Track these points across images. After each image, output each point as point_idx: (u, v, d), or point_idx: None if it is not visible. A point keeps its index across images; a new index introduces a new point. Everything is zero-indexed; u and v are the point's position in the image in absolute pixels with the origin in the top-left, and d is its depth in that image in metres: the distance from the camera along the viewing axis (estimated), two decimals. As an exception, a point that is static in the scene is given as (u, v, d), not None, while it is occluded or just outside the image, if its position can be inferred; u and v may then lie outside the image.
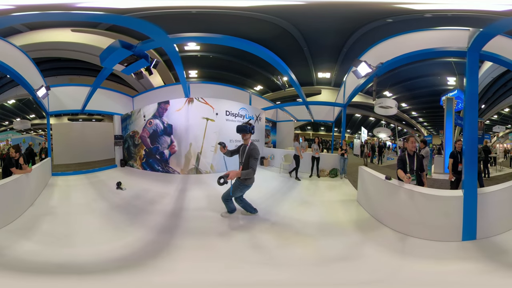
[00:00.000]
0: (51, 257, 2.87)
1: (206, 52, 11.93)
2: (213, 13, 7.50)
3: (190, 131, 8.15)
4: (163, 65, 10.33)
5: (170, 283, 2.45)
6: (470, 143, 3.50)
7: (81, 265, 2.70)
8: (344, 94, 8.51)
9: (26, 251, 2.99)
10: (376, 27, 8.09)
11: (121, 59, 4.37)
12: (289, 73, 6.58)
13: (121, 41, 4.19)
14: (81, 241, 3.37)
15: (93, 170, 9.11)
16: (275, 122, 14.81)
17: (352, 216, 4.40)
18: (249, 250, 3.10)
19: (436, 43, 4.31)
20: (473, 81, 3.51)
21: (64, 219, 4.22)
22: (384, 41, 5.41)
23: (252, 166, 3.54)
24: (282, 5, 6.99)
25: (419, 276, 2.56)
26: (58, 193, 6.10)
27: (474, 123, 3.53)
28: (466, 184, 3.38)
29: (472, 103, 3.51)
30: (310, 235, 3.56)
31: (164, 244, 3.21)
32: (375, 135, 21.80)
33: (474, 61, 3.56)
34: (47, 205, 5.05)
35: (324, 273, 2.63)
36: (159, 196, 5.58)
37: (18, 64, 5.99)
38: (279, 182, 7.18)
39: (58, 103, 8.69)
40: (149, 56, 4.65)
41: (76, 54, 10.53)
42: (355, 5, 6.75)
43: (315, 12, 7.59)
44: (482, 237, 3.26)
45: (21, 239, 3.31)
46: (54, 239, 3.38)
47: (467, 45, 3.63)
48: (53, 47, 9.65)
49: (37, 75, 7.07)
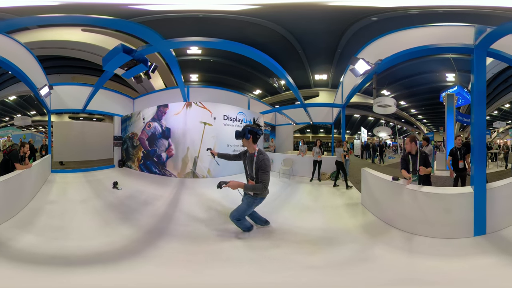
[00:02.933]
0: (47, 249, 3.05)
1: (207, 56, 12.14)
2: (214, 18, 7.70)
3: (187, 135, 8.27)
4: (165, 67, 10.49)
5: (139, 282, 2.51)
6: (479, 139, 3.52)
7: (69, 257, 2.87)
8: (342, 94, 8.51)
9: (26, 243, 3.19)
10: (365, 26, 8.20)
11: (122, 63, 4.53)
12: (285, 76, 6.61)
13: (123, 45, 4.34)
14: (74, 235, 3.55)
15: (91, 169, 9.24)
16: (274, 126, 14.84)
17: (359, 221, 4.27)
18: (241, 254, 3.06)
19: (435, 39, 4.28)
20: (481, 78, 3.52)
21: (60, 214, 4.40)
22: (381, 37, 5.37)
23: (263, 180, 2.99)
24: (269, 8, 7.15)
25: (447, 275, 2.57)
26: (57, 189, 6.31)
27: (482, 120, 3.53)
28: (476, 179, 3.44)
29: (480, 99, 3.51)
30: (315, 242, 3.41)
31: (146, 244, 3.30)
32: (375, 135, 21.81)
33: (482, 58, 3.55)
34: (46, 200, 5.27)
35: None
36: (153, 198, 5.67)
37: (22, 62, 6.07)
38: (279, 187, 7.01)
39: (60, 102, 8.87)
40: (148, 61, 4.79)
41: (81, 54, 10.72)
42: (336, 7, 6.95)
43: (301, 13, 7.75)
44: (492, 231, 3.35)
45: (22, 231, 3.54)
46: (51, 232, 3.58)
47: (473, 42, 3.63)
48: (61, 45, 9.82)
49: (40, 74, 7.20)
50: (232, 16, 7.81)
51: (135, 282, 2.50)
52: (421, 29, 4.69)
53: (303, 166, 8.76)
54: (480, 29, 3.56)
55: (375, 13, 7.47)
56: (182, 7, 7.19)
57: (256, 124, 3.16)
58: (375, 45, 5.51)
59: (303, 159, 8.92)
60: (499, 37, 3.34)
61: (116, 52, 4.16)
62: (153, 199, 5.57)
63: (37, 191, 5.76)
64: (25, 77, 6.36)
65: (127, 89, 13.09)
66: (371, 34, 5.60)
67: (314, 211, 4.94)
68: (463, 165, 5.24)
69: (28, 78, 6.52)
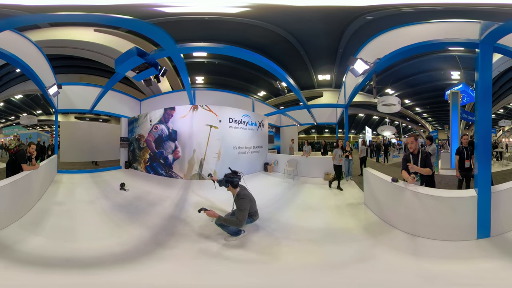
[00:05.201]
0: (57, 252, 3.07)
1: (212, 59, 12.23)
2: (218, 20, 7.77)
3: (194, 138, 8.33)
4: (171, 70, 10.58)
5: (149, 282, 2.57)
6: (484, 139, 3.41)
7: (81, 259, 2.91)
8: (345, 94, 8.51)
9: (36, 245, 3.21)
10: (364, 24, 8.13)
11: (134, 66, 4.61)
12: (286, 78, 6.60)
13: (137, 48, 4.41)
14: (83, 236, 3.60)
15: (98, 170, 9.33)
16: (278, 127, 14.89)
17: (362, 221, 4.27)
18: (241, 254, 3.16)
19: (438, 35, 4.16)
20: (486, 74, 3.42)
21: (68, 215, 4.45)
22: (380, 35, 5.25)
23: (238, 217, 3.40)
24: (267, 10, 7.20)
25: (455, 278, 2.56)
26: (64, 189, 6.37)
27: (487, 118, 3.42)
28: (480, 181, 3.37)
29: (485, 96, 3.40)
30: (316, 242, 3.49)
31: (156, 244, 3.37)
32: (380, 134, 21.73)
33: (487, 53, 3.45)
34: (54, 201, 5.31)
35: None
36: (160, 199, 5.73)
37: (32, 60, 6.03)
38: (283, 188, 7.12)
39: (68, 102, 8.95)
40: (159, 64, 4.87)
41: (91, 54, 10.74)
42: (331, 7, 6.99)
43: (298, 15, 7.79)
44: (495, 234, 3.32)
45: (31, 234, 3.53)
46: (59, 234, 3.61)
47: (478, 37, 3.52)
48: (72, 45, 9.85)
49: (49, 72, 7.20)
50: (234, 19, 7.90)
51: (150, 280, 2.57)
52: (423, 25, 4.56)
53: (307, 167, 8.84)
54: (486, 25, 3.47)
55: (368, 11, 7.47)
56: (190, 10, 7.28)
57: (232, 172, 3.76)
58: (375, 44, 5.41)
59: (307, 160, 8.97)
60: (507, 32, 3.24)
61: (131, 54, 4.24)
62: (160, 200, 5.64)
63: (44, 192, 5.81)
64: (34, 75, 6.32)
65: (134, 91, 13.17)
66: (369, 32, 5.52)
67: (316, 210, 5.03)
68: (469, 164, 5.09)
69: (37, 76, 6.48)
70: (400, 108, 13.07)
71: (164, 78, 12.32)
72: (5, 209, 3.75)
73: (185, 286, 2.56)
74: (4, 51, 5.08)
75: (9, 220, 3.80)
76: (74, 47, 9.94)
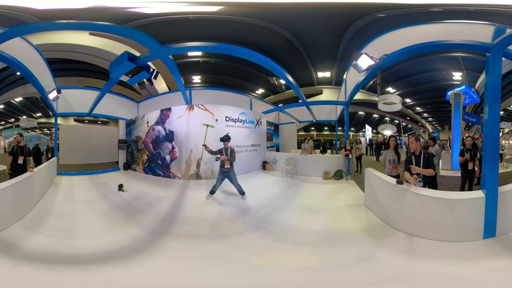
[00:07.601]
0: (58, 249, 3.23)
1: (208, 57, 12.24)
2: (209, 19, 7.73)
3: (190, 138, 8.42)
4: (167, 71, 10.61)
5: (145, 279, 2.68)
6: (492, 140, 3.49)
7: (80, 256, 3.06)
8: (346, 92, 8.46)
9: (37, 243, 3.37)
10: (369, 22, 8.00)
11: (127, 71, 4.69)
12: (284, 75, 6.54)
13: (128, 52, 4.49)
14: (81, 235, 3.76)
15: (97, 172, 9.44)
16: (277, 125, 14.80)
17: (363, 224, 4.24)
18: (240, 254, 3.23)
19: (445, 36, 4.20)
20: (496, 76, 3.54)
21: (68, 215, 4.61)
22: (386, 33, 5.23)
23: (233, 156, 5.77)
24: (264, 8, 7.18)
25: (466, 280, 2.59)
26: (63, 191, 6.51)
27: (496, 120, 3.52)
28: (488, 182, 3.44)
29: (494, 99, 3.51)
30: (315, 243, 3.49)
31: (151, 243, 3.49)
32: (380, 132, 21.71)
33: (499, 57, 3.57)
34: (54, 201, 5.47)
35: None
36: (158, 199, 5.84)
37: (32, 63, 6.06)
38: (281, 187, 7.05)
39: (67, 105, 9.04)
40: (150, 67, 4.94)
41: (88, 57, 10.80)
42: (335, 4, 6.97)
43: (297, 13, 7.74)
44: (500, 234, 3.41)
45: (33, 232, 3.72)
46: (59, 233, 3.78)
47: (490, 40, 3.61)
48: (70, 49, 9.91)
49: (48, 76, 7.25)
50: (234, 18, 7.85)
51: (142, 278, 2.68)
52: (433, 25, 4.58)
53: (306, 165, 8.87)
54: (500, 28, 3.55)
55: (380, 9, 7.41)
56: (171, 10, 7.19)
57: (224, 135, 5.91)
58: (380, 41, 5.37)
59: (307, 158, 9.02)
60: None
61: (122, 59, 4.31)
62: (157, 200, 5.75)
63: (44, 193, 5.97)
64: (34, 79, 6.36)
65: (132, 92, 13.23)
66: (375, 30, 5.46)
67: (316, 211, 5.00)
68: (472, 166, 5.19)
69: (37, 80, 6.53)
70: (401, 107, 13.03)
71: (161, 79, 12.46)
72: (9, 210, 3.94)
73: (179, 286, 2.64)
74: (6, 54, 5.14)
75: (12, 220, 3.98)
76: (71, 50, 10.00)
